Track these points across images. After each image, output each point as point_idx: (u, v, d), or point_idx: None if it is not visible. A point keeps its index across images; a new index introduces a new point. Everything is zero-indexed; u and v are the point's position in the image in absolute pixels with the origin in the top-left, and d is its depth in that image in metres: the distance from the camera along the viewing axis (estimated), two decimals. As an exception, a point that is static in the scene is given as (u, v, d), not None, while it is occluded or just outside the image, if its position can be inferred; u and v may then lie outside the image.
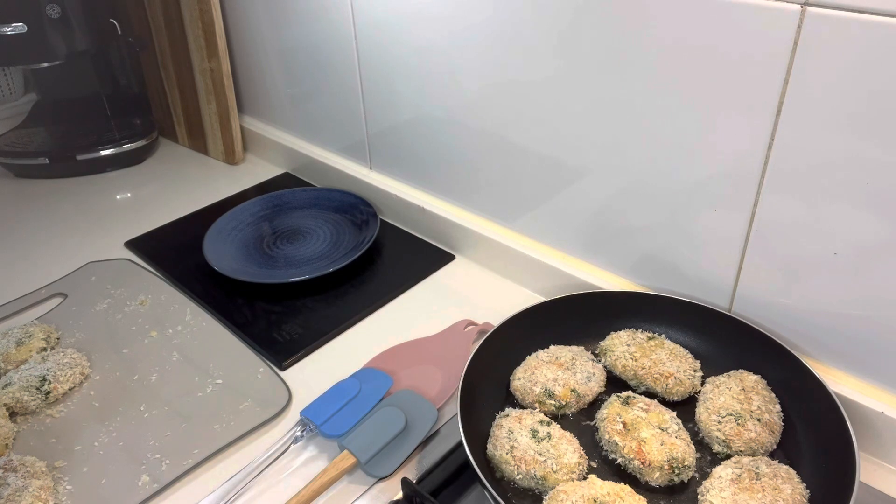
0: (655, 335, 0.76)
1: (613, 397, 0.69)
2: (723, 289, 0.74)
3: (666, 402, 0.70)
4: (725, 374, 0.71)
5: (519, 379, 0.72)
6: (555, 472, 0.61)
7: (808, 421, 0.66)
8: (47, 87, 1.36)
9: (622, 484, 0.60)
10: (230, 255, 1.00)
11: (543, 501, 0.60)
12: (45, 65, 1.24)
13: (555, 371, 0.71)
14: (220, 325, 0.88)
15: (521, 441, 0.63)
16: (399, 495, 0.64)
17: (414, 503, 0.62)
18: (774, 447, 0.65)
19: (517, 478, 0.62)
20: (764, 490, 0.58)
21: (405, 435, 0.69)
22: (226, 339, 0.85)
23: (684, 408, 0.70)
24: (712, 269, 0.74)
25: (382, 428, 0.69)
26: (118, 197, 1.21)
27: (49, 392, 0.76)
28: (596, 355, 0.76)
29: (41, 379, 0.76)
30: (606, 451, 0.66)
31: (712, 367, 0.73)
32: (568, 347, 0.75)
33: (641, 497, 0.59)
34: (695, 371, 0.72)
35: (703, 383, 0.72)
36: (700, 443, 0.67)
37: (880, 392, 0.67)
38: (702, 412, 0.67)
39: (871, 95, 0.56)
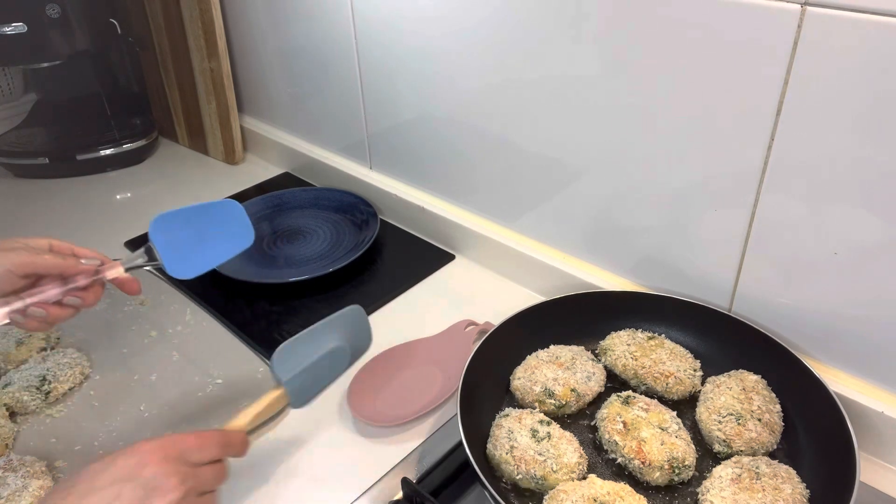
0: (655, 335, 0.76)
1: (613, 397, 0.69)
2: (723, 289, 0.74)
3: (666, 402, 0.70)
4: (726, 373, 0.71)
5: (519, 378, 0.72)
6: (555, 471, 0.61)
7: (808, 421, 0.66)
8: (47, 87, 1.36)
9: (622, 484, 0.60)
10: (230, 255, 1.00)
11: (543, 501, 0.60)
12: (45, 65, 1.24)
13: (555, 370, 0.71)
14: (220, 325, 0.88)
15: (521, 441, 0.63)
16: (399, 495, 0.64)
17: (414, 503, 0.62)
18: (775, 447, 0.65)
19: (517, 478, 0.62)
20: (764, 490, 0.58)
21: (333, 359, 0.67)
22: (226, 339, 0.85)
23: (684, 407, 0.70)
24: (712, 269, 0.74)
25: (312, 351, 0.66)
26: (118, 197, 1.21)
27: (49, 392, 0.76)
28: (596, 355, 0.76)
29: (41, 379, 0.76)
30: (606, 450, 0.66)
31: (712, 367, 0.73)
32: (568, 347, 0.75)
33: (641, 497, 0.59)
34: (695, 371, 0.72)
35: (703, 383, 0.72)
36: (700, 442, 0.67)
37: (880, 392, 0.67)
38: (702, 412, 0.67)
39: (871, 95, 0.56)
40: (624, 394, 0.69)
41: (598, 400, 0.71)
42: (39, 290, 0.61)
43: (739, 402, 0.66)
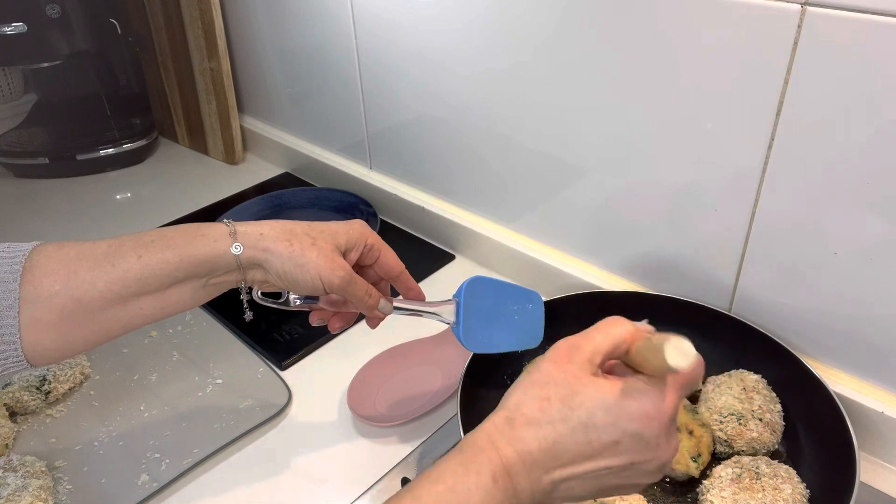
0: (655, 335, 0.75)
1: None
2: (723, 289, 0.74)
3: (666, 402, 0.70)
4: (726, 373, 0.71)
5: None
6: (555, 471, 0.61)
7: (808, 421, 0.66)
8: (47, 87, 1.36)
9: (622, 484, 0.60)
10: (230, 255, 0.99)
11: (543, 501, 0.60)
12: (45, 65, 1.24)
13: (555, 371, 0.71)
14: (220, 325, 0.88)
15: (522, 441, 0.63)
16: (399, 495, 0.63)
17: (414, 503, 0.62)
18: (775, 447, 0.65)
19: (517, 478, 0.62)
20: (764, 490, 0.58)
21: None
22: (226, 339, 0.85)
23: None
24: (712, 269, 0.74)
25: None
26: (118, 197, 1.21)
27: (49, 392, 0.76)
28: (596, 355, 0.76)
29: (41, 379, 0.76)
30: (606, 450, 0.66)
31: (712, 367, 0.72)
32: (568, 347, 0.75)
33: (641, 497, 0.59)
34: (695, 371, 0.72)
35: (703, 383, 0.72)
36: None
37: (880, 392, 0.67)
38: (703, 412, 0.67)
39: (871, 95, 0.56)
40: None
41: (598, 400, 0.71)
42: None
43: (740, 402, 0.66)
